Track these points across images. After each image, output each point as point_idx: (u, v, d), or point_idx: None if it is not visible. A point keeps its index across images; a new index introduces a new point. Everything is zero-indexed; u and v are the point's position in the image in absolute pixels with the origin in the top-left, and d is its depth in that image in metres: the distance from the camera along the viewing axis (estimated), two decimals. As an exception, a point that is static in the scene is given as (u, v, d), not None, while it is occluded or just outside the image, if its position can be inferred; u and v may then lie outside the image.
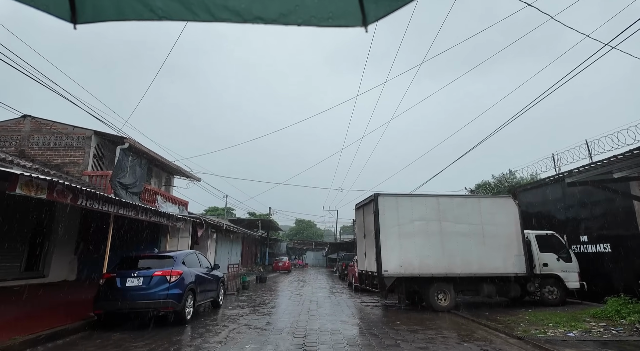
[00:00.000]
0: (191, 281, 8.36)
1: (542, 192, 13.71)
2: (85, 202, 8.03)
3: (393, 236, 10.66)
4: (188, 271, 8.42)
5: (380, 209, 10.81)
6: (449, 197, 11.27)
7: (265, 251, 41.96)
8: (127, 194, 15.23)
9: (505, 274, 10.69)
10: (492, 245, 10.84)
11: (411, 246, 10.64)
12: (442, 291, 10.61)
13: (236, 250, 27.64)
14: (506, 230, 11.00)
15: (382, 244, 10.53)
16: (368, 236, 11.58)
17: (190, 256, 9.16)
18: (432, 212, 10.97)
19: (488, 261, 10.72)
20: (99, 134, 14.79)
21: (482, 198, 11.58)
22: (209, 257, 19.63)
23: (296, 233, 67.85)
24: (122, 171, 14.84)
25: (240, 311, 10.18)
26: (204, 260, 10.13)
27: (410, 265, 10.50)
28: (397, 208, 10.91)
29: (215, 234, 18.15)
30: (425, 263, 10.56)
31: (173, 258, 8.24)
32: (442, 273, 10.54)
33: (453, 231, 10.86)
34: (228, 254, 24.86)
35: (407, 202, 11.00)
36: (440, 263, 10.60)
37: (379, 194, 10.97)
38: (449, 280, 10.62)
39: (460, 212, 11.04)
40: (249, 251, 36.01)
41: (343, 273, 24.00)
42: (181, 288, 7.86)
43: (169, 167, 20.25)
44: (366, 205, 11.82)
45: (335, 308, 10.86)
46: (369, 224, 11.49)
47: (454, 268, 10.60)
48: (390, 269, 10.39)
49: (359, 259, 12.75)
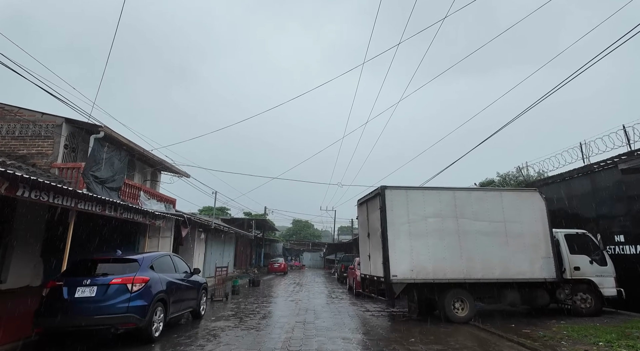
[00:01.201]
0: (161, 290, 6.86)
1: (566, 186, 12.29)
2: (29, 193, 6.51)
3: (403, 235, 9.20)
4: (157, 277, 6.91)
5: (387, 205, 9.34)
6: (466, 190, 9.81)
7: (260, 252, 40.41)
8: (103, 189, 13.69)
9: (532, 279, 9.25)
10: (516, 246, 9.40)
11: (424, 247, 9.18)
12: (460, 299, 9.16)
13: (229, 251, 26.09)
14: (532, 228, 9.56)
15: (390, 245, 9.06)
16: (373, 236, 10.11)
17: (162, 259, 7.65)
18: (447, 208, 9.51)
19: (512, 264, 9.28)
20: (71, 122, 13.24)
21: (505, 191, 10.14)
22: (197, 259, 18.09)
23: (293, 233, 66.37)
24: (97, 163, 13.31)
25: (224, 323, 8.67)
26: (181, 264, 8.62)
27: (423, 269, 9.03)
28: (407, 203, 9.45)
29: (204, 234, 16.63)
30: (440, 267, 9.10)
31: (138, 261, 6.73)
32: (459, 278, 9.08)
33: (472, 229, 9.41)
34: (219, 255, 23.31)
35: (418, 196, 9.54)
36: (458, 267, 9.14)
37: (386, 187, 9.50)
38: (467, 286, 9.18)
39: (480, 208, 9.59)
40: (244, 253, 34.44)
41: (342, 276, 22.52)
42: (146, 299, 6.36)
43: (154, 161, 18.72)
44: (371, 200, 10.35)
45: (335, 319, 9.37)
46: (374, 222, 10.03)
47: (473, 273, 9.15)
48: (399, 274, 8.93)
49: (362, 262, 11.28)
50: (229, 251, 26.18)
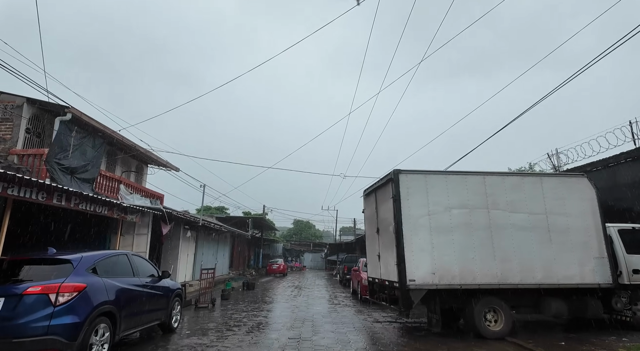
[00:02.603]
0: (106, 301, 5.12)
1: (610, 173, 10.50)
2: None
3: (422, 230, 7.43)
4: (101, 284, 5.17)
5: (402, 193, 7.58)
6: (499, 175, 8.03)
7: (259, 253, 38.66)
8: (72, 180, 11.96)
9: (582, 284, 7.47)
10: (561, 243, 7.63)
11: (448, 244, 7.41)
12: (493, 309, 7.39)
13: (223, 252, 24.35)
14: (580, 222, 7.79)
15: (407, 242, 7.30)
16: (384, 232, 8.35)
17: (112, 259, 5.90)
18: (476, 196, 7.75)
19: (557, 266, 7.50)
20: (34, 103, 11.54)
21: (546, 177, 8.35)
22: (184, 260, 16.35)
23: (294, 233, 64.63)
24: (64, 149, 11.59)
25: (197, 340, 6.91)
26: (143, 266, 6.88)
27: (447, 272, 7.27)
28: (426, 190, 7.68)
29: (190, 233, 14.90)
30: (468, 270, 7.33)
31: (72, 262, 4.99)
32: (492, 283, 7.31)
33: (506, 223, 7.64)
34: (212, 256, 21.57)
35: (440, 182, 7.78)
36: (490, 269, 7.37)
37: (400, 171, 7.74)
38: (501, 293, 7.41)
39: (517, 196, 7.82)
40: (241, 253, 32.69)
41: (345, 278, 20.72)
42: (79, 314, 4.61)
43: (139, 153, 17.01)
44: (381, 188, 8.59)
45: (338, 334, 7.61)
46: (385, 215, 8.27)
47: (509, 277, 7.38)
48: (418, 278, 7.16)
49: (370, 264, 9.52)
50: (223, 252, 24.43)
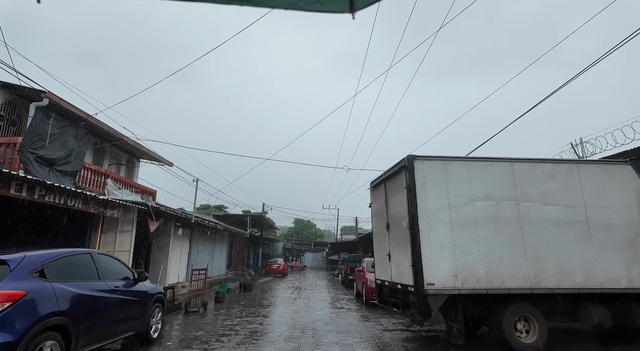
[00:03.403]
0: (54, 311, 4.08)
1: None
2: None
3: (441, 226, 6.38)
4: (48, 290, 4.13)
5: (418, 182, 6.53)
6: (529, 162, 6.95)
7: (258, 253, 37.63)
8: (51, 172, 10.94)
9: (630, 289, 6.42)
10: (603, 241, 6.57)
11: (472, 242, 6.36)
12: (524, 317, 6.33)
13: (220, 251, 23.29)
14: (625, 217, 6.73)
15: (423, 239, 6.25)
16: (395, 228, 7.30)
17: (70, 259, 4.85)
18: (504, 186, 6.69)
19: (599, 267, 6.44)
20: (8, 88, 10.52)
21: (583, 163, 7.25)
22: (176, 260, 15.30)
23: (294, 233, 63.63)
24: (41, 139, 10.57)
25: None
26: (114, 267, 5.83)
27: (471, 274, 6.21)
28: (446, 179, 6.63)
29: (182, 230, 13.86)
30: (496, 271, 6.28)
31: (8, 264, 3.95)
32: (524, 287, 6.25)
33: (539, 217, 6.59)
34: (208, 256, 20.53)
35: (462, 169, 6.72)
36: (521, 271, 6.32)
37: (415, 157, 6.68)
38: (534, 299, 6.36)
39: (550, 186, 6.76)
40: (240, 253, 31.68)
41: (347, 279, 19.67)
42: (14, 330, 3.58)
43: (130, 147, 16.00)
44: (391, 178, 7.54)
45: (343, 348, 6.55)
46: (396, 209, 7.22)
47: (543, 280, 6.32)
48: (438, 281, 6.11)
49: (378, 264, 8.46)
50: (220, 251, 23.38)
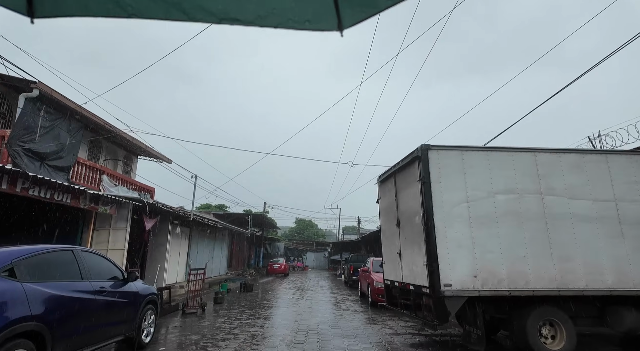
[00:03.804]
0: (25, 316, 3.56)
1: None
2: None
3: (459, 221, 5.84)
4: (18, 292, 3.61)
5: (433, 174, 5.99)
6: (554, 152, 6.40)
7: (259, 252, 37.13)
8: (42, 167, 10.45)
9: (665, 291, 5.87)
10: (637, 238, 6.01)
11: (492, 239, 5.82)
12: (549, 321, 5.78)
13: (221, 251, 22.80)
14: (659, 212, 6.18)
15: (440, 237, 5.71)
16: (407, 225, 6.76)
17: (47, 257, 4.33)
18: (526, 178, 6.15)
19: (632, 267, 5.89)
20: (-4, 77, 10.02)
21: (612, 154, 6.67)
22: (177, 259, 14.82)
23: (296, 232, 63.12)
24: (31, 132, 10.08)
25: (172, 362, 5.36)
26: (100, 265, 5.30)
27: (492, 275, 5.67)
28: (463, 170, 6.09)
29: (180, 228, 13.35)
30: (519, 271, 5.73)
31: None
32: (550, 288, 5.71)
33: (565, 212, 6.04)
34: (208, 255, 20.04)
35: (481, 160, 6.17)
36: (547, 271, 5.77)
37: (429, 147, 6.14)
38: (561, 302, 5.81)
39: (577, 179, 6.21)
40: (240, 252, 31.18)
41: (351, 279, 19.14)
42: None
43: (127, 142, 15.52)
44: (402, 171, 7.00)
45: (351, 352, 6.03)
46: (408, 204, 6.68)
47: (571, 280, 5.77)
48: (456, 282, 5.57)
49: (387, 264, 7.92)
50: (221, 251, 22.89)
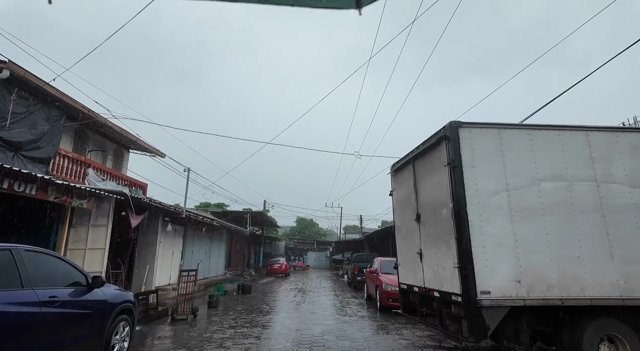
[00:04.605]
0: None
1: None
2: None
3: (497, 214, 4.78)
4: None
5: (465, 157, 4.93)
6: (610, 131, 5.32)
7: (259, 252, 36.11)
8: (16, 157, 9.43)
9: None
10: None
11: (539, 236, 4.76)
12: (609, 336, 4.73)
13: (218, 250, 21.77)
14: None
15: (474, 233, 4.65)
16: (429, 219, 5.69)
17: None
18: (578, 162, 5.09)
19: None
20: (-38, 57, 8.99)
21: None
22: (170, 259, 13.76)
23: (297, 231, 62.13)
24: (1, 117, 9.07)
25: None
26: (57, 268, 4.25)
27: (539, 279, 4.61)
28: (501, 153, 5.03)
29: (171, 226, 12.30)
30: (572, 275, 4.68)
31: None
32: (612, 296, 4.65)
33: (627, 203, 4.98)
34: (205, 255, 19.01)
35: (522, 140, 5.10)
36: (607, 275, 4.71)
37: (460, 124, 5.07)
38: (624, 312, 4.75)
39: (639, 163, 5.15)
40: (240, 252, 30.18)
41: (355, 280, 18.10)
42: None
43: (116, 134, 14.49)
44: (423, 156, 5.93)
45: (365, 373, 4.98)
46: (431, 194, 5.62)
47: (637, 286, 4.72)
48: (495, 288, 4.52)
49: (404, 265, 6.86)
50: (218, 250, 21.86)
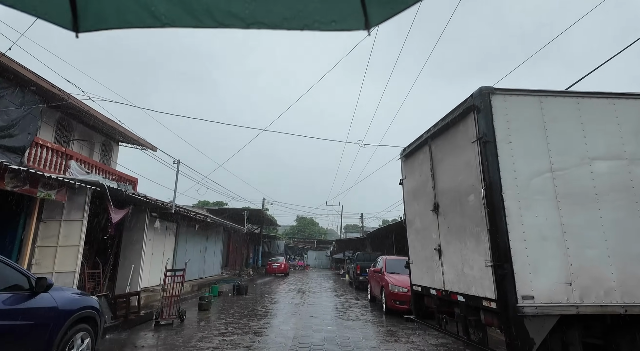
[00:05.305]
0: None
1: None
2: None
3: (540, 201, 3.85)
4: None
5: (499, 129, 3.99)
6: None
7: (258, 251, 35.22)
8: (-16, 146, 8.55)
9: None
10: None
11: (593, 228, 3.83)
12: (679, 353, 3.81)
13: (214, 249, 20.86)
14: None
15: (512, 223, 3.73)
16: (451, 208, 4.76)
17: None
18: (638, 138, 4.16)
19: None
20: None
21: None
22: (160, 257, 12.86)
23: (297, 230, 61.30)
24: (-35, 100, 8.15)
25: None
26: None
27: (595, 281, 3.69)
28: (543, 125, 4.09)
29: (159, 222, 11.38)
30: (637, 277, 3.76)
31: None
32: (684, 303, 3.73)
33: (698, 187, 4.05)
34: (200, 254, 18.12)
35: (568, 110, 4.17)
36: (678, 276, 3.79)
37: (492, 90, 4.14)
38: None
39: None
40: (238, 251, 29.25)
41: (357, 280, 17.20)
42: None
43: (103, 124, 13.57)
44: (443, 134, 4.99)
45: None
46: (454, 178, 4.68)
47: None
48: (540, 293, 3.59)
49: (417, 264, 5.93)
50: (214, 249, 20.96)
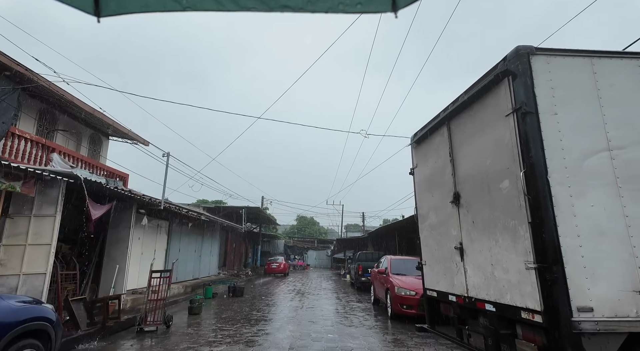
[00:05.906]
0: None
1: None
2: None
3: (596, 186, 3.04)
4: None
5: (542, 98, 3.19)
6: None
7: (257, 250, 34.45)
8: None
9: None
10: None
11: (664, 219, 3.04)
12: None
13: (210, 248, 20.08)
14: None
15: (562, 215, 2.93)
16: (477, 198, 3.97)
17: None
18: None
19: None
20: None
21: None
22: (150, 257, 12.09)
23: (297, 230, 60.55)
24: None
25: None
26: None
27: (670, 289, 2.90)
28: (597, 92, 3.29)
29: (146, 219, 10.59)
30: None
31: None
32: None
33: None
34: (195, 254, 17.35)
35: (628, 74, 3.33)
36: None
37: (533, 50, 3.33)
38: None
39: None
40: (236, 251, 28.46)
41: (359, 280, 16.42)
42: None
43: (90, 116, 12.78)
44: (465, 111, 4.19)
45: None
46: (481, 161, 3.89)
47: None
48: (600, 303, 2.78)
49: (432, 266, 5.14)
50: (211, 248, 20.18)
